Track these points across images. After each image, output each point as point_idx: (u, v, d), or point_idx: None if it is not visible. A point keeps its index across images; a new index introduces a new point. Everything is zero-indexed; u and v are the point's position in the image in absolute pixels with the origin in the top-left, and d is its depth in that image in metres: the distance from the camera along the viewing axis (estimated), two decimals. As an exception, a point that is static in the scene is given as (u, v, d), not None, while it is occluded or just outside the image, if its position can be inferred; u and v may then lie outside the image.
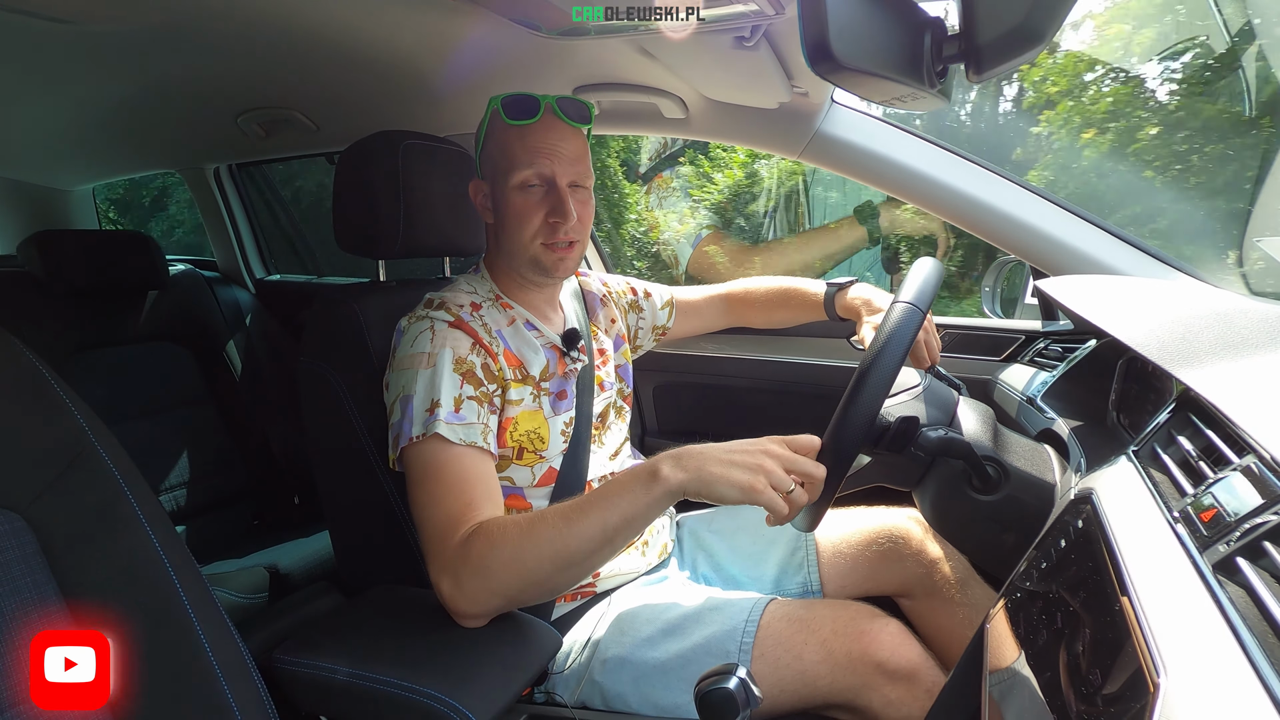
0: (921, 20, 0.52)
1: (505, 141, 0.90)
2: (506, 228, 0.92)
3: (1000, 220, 1.12)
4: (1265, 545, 0.39)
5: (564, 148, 0.89)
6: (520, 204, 0.89)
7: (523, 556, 0.70)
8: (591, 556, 0.71)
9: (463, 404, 0.82)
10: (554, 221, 0.89)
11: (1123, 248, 1.08)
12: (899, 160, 1.15)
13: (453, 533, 0.74)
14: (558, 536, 0.69)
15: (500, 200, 0.91)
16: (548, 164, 0.88)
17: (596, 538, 0.69)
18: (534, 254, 0.91)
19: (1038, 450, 0.83)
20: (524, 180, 0.88)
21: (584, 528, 0.69)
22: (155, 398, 1.64)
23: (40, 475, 0.56)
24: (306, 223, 2.41)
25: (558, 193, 0.89)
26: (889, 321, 0.73)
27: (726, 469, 0.66)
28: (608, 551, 0.71)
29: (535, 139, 0.88)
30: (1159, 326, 0.65)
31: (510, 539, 0.71)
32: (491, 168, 0.93)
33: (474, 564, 0.71)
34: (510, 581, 0.71)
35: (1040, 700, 0.46)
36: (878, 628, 0.82)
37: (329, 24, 1.01)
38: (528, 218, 0.89)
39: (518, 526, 0.72)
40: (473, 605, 0.73)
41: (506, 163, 0.89)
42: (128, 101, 1.41)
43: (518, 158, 0.88)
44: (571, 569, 0.71)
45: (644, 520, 0.70)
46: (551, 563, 0.70)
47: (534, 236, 0.90)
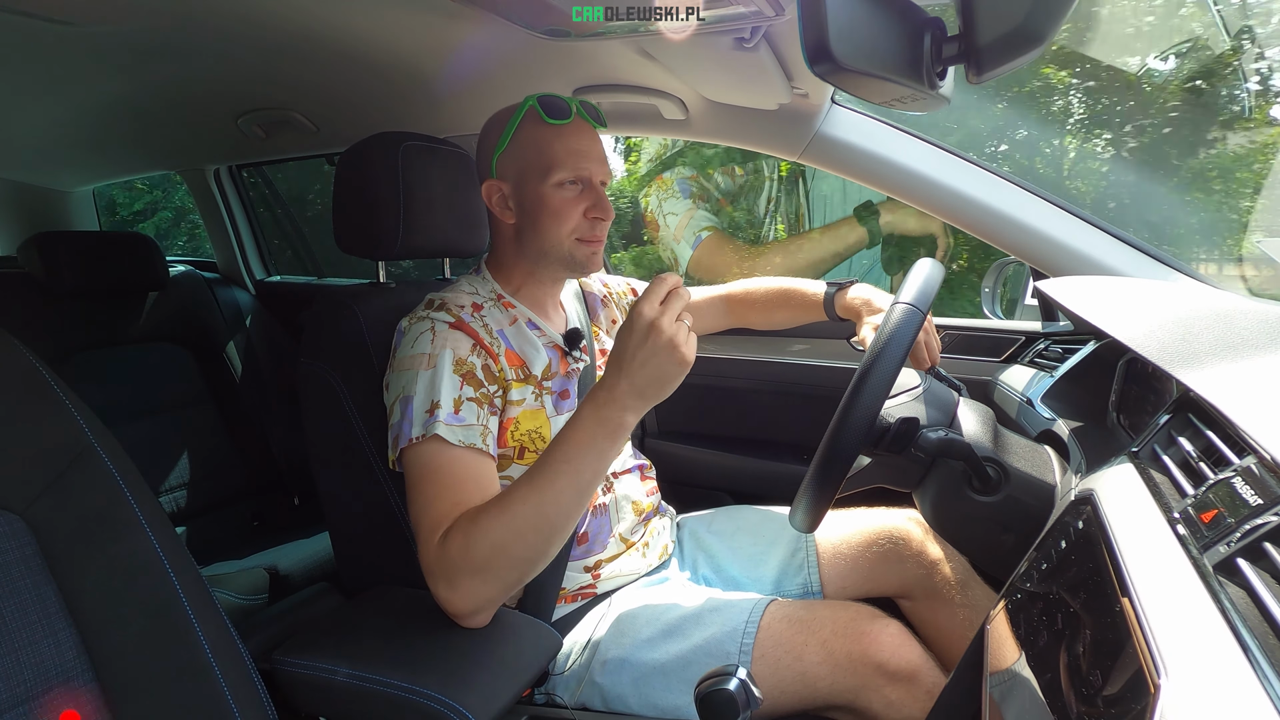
0: (921, 21, 0.52)
1: (540, 141, 0.90)
2: (540, 225, 0.92)
3: (1000, 221, 1.12)
4: (1266, 546, 0.39)
5: (596, 149, 0.92)
6: (559, 202, 0.90)
7: (505, 540, 0.70)
8: (570, 517, 0.72)
9: (462, 405, 0.82)
10: (595, 217, 0.91)
11: (1122, 249, 1.08)
12: (899, 161, 1.15)
13: (436, 533, 0.74)
14: (534, 510, 0.70)
15: (532, 199, 0.92)
16: (585, 164, 0.90)
17: (573, 499, 0.71)
18: (569, 249, 0.92)
19: (1038, 451, 0.83)
20: (563, 179, 0.90)
21: (558, 493, 0.70)
22: (155, 399, 1.64)
23: (39, 476, 0.56)
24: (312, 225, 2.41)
25: (595, 190, 0.92)
26: (889, 323, 0.73)
27: (661, 385, 0.69)
28: (583, 506, 0.73)
29: (572, 140, 0.90)
30: (1159, 327, 0.64)
31: (488, 525, 0.71)
32: (520, 167, 0.92)
33: (458, 560, 0.71)
34: (500, 567, 0.72)
35: (1041, 701, 0.46)
36: (878, 629, 0.82)
37: (329, 25, 1.01)
38: (566, 215, 0.91)
39: (491, 512, 0.72)
40: (469, 601, 0.73)
41: (544, 162, 0.90)
42: (128, 102, 1.42)
43: (557, 157, 0.90)
44: (555, 536, 0.72)
45: (608, 466, 0.73)
46: (535, 534, 0.71)
47: (571, 232, 0.91)
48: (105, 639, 0.56)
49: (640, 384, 0.69)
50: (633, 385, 0.69)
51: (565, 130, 0.90)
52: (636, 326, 0.68)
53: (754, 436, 1.52)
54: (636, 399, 0.69)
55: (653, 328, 0.68)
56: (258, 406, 1.82)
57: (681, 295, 0.70)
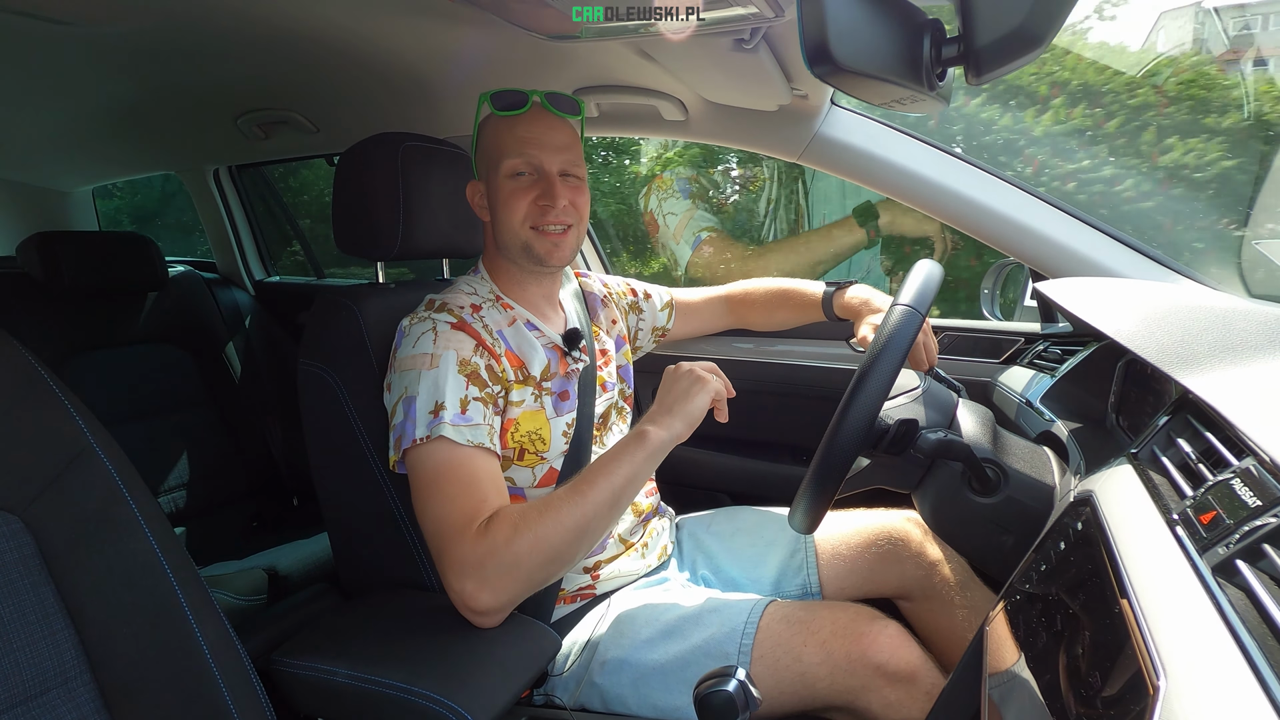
0: (921, 23, 0.52)
1: (495, 134, 0.92)
2: (498, 217, 0.93)
3: (1000, 223, 1.12)
4: (1265, 548, 0.39)
5: (552, 136, 0.91)
6: (509, 191, 0.91)
7: (547, 534, 0.74)
8: (604, 520, 0.78)
9: (469, 405, 0.82)
10: (543, 205, 0.90)
11: (1122, 250, 1.09)
12: (898, 163, 1.15)
13: (469, 528, 0.74)
14: (574, 509, 0.76)
15: (493, 192, 0.93)
16: (535, 152, 0.90)
17: (607, 501, 0.77)
18: (525, 239, 0.92)
19: (1037, 452, 0.83)
20: (513, 168, 0.91)
21: (595, 495, 0.77)
22: (154, 399, 1.64)
23: (38, 477, 0.56)
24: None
25: (547, 179, 0.91)
26: (888, 324, 0.73)
27: (686, 401, 0.83)
28: (616, 513, 0.80)
29: (523, 129, 0.91)
30: (1158, 329, 0.65)
31: (531, 520, 0.74)
32: (485, 163, 0.94)
33: (500, 551, 0.72)
34: (536, 563, 0.74)
35: (1040, 702, 0.46)
36: (877, 630, 0.82)
37: (329, 26, 1.01)
38: (515, 203, 0.91)
39: (535, 508, 0.76)
40: (497, 597, 0.74)
41: (497, 154, 0.91)
42: (127, 103, 1.42)
43: (507, 147, 0.91)
44: (587, 537, 0.77)
45: (644, 477, 0.81)
46: (573, 533, 0.75)
47: (523, 221, 0.91)
48: (104, 640, 0.56)
49: (674, 409, 0.82)
50: (661, 403, 0.84)
51: (517, 120, 0.91)
52: (680, 372, 0.86)
53: (753, 437, 1.52)
54: (665, 414, 0.82)
55: (690, 372, 0.85)
56: (257, 407, 1.82)
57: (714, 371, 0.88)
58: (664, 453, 0.82)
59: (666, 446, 0.81)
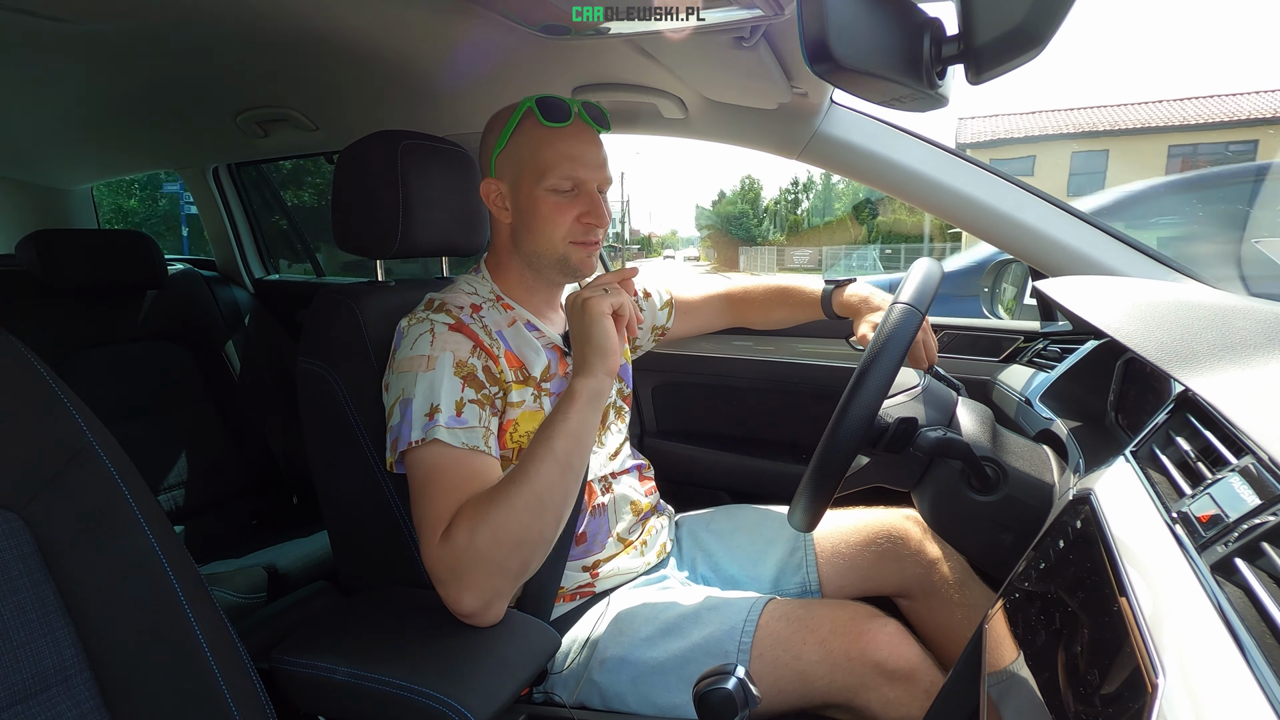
0: (921, 21, 0.52)
1: (536, 144, 0.89)
2: (533, 228, 0.91)
3: (999, 221, 1.12)
4: (1263, 546, 0.39)
5: (594, 153, 0.91)
6: (552, 206, 0.90)
7: (502, 521, 0.73)
8: (559, 487, 0.77)
9: (464, 407, 0.82)
10: (588, 223, 0.91)
11: (1121, 249, 1.08)
12: (898, 161, 1.15)
13: (437, 534, 0.75)
14: (522, 487, 0.75)
15: (526, 201, 0.91)
16: (582, 169, 0.89)
17: (556, 468, 0.77)
18: (563, 253, 0.92)
19: (1036, 451, 0.83)
20: (557, 184, 0.89)
21: (539, 467, 0.76)
22: (153, 397, 1.64)
23: (38, 474, 0.56)
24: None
25: (591, 196, 0.91)
26: (888, 323, 0.73)
27: (588, 343, 0.83)
28: (572, 476, 0.79)
29: (568, 143, 0.89)
30: (1157, 327, 0.65)
31: (483, 512, 0.74)
32: (516, 168, 0.91)
33: (464, 552, 0.72)
34: (504, 551, 0.73)
35: (1039, 700, 0.46)
36: (876, 628, 0.82)
37: (328, 23, 1.01)
38: (559, 219, 0.90)
39: (486, 498, 0.75)
40: (479, 595, 0.74)
41: (539, 165, 0.89)
42: (126, 101, 1.41)
43: (551, 161, 0.89)
44: (548, 510, 0.76)
45: (589, 431, 0.81)
46: (529, 512, 0.74)
47: (565, 236, 0.91)
48: (103, 637, 0.56)
49: (585, 353, 0.82)
50: (579, 355, 0.83)
51: (562, 134, 0.89)
52: (572, 306, 0.84)
53: (752, 436, 1.52)
54: (581, 363, 0.83)
55: (585, 306, 0.83)
56: (256, 405, 1.81)
57: (624, 284, 0.88)
58: (600, 398, 0.82)
59: (599, 391, 0.82)
